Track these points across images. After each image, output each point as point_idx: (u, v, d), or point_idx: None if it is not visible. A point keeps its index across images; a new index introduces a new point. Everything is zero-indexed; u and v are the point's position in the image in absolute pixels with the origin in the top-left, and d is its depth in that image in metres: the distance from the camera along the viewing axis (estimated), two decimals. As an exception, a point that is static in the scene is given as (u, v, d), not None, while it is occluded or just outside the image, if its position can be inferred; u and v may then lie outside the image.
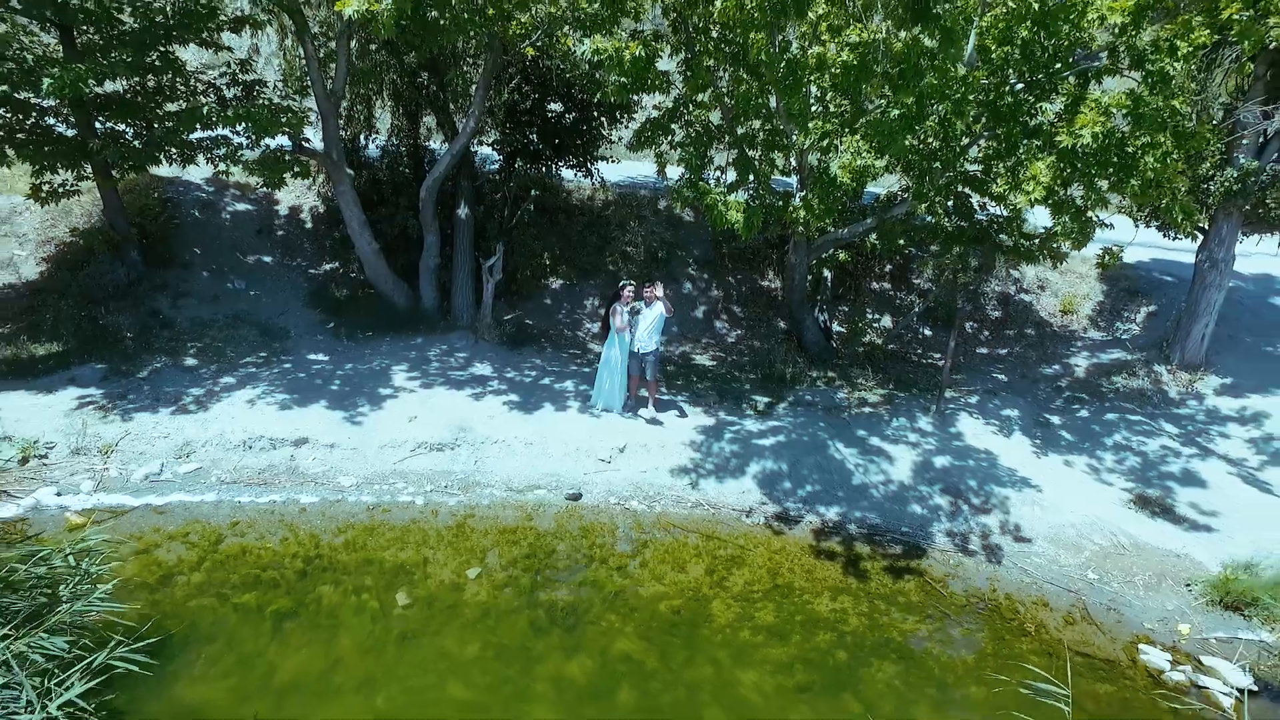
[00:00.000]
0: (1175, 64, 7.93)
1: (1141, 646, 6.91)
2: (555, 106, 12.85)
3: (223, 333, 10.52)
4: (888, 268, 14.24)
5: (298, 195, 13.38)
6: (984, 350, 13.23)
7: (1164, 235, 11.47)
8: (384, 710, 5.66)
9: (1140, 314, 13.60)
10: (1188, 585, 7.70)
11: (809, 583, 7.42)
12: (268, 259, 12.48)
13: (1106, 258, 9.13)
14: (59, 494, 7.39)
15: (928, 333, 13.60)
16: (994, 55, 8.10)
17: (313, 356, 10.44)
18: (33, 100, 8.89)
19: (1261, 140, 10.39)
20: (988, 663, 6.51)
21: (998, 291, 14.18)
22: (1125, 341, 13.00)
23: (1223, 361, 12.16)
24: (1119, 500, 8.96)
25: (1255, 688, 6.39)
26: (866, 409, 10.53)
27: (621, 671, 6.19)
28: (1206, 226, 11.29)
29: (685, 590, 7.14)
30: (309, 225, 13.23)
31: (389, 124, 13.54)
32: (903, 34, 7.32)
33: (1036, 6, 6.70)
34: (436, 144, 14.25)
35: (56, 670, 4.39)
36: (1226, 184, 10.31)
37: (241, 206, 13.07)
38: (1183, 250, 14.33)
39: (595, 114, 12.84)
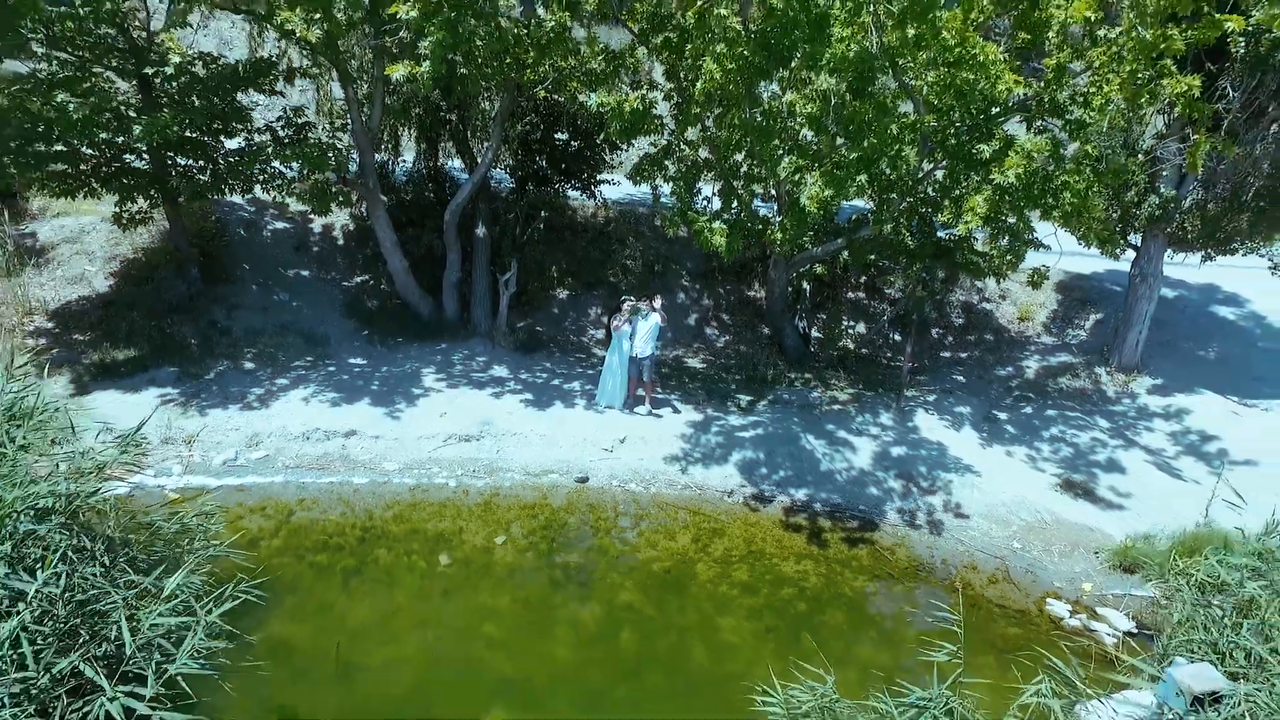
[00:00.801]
0: (1090, 114, 9.46)
1: (1049, 600, 8.42)
2: (562, 136, 14.36)
3: (273, 340, 12.01)
4: (862, 279, 15.72)
5: (330, 214, 14.83)
6: (947, 354, 14.73)
7: (1103, 253, 12.94)
8: (434, 644, 7.15)
9: (1089, 321, 15.09)
10: (1096, 553, 9.20)
11: (778, 549, 8.93)
12: (306, 273, 13.97)
13: (1035, 276, 10.63)
14: (155, 476, 8.88)
15: (897, 338, 15.07)
16: (938, 105, 9.61)
17: (353, 360, 11.94)
18: (117, 141, 10.35)
19: (1181, 173, 11.88)
20: (919, 610, 8.01)
21: (962, 301, 15.67)
22: (1073, 346, 14.50)
23: (1157, 364, 13.65)
24: (1048, 484, 10.47)
25: (1134, 630, 7.91)
26: (836, 406, 12.04)
27: (624, 617, 7.70)
28: (1139, 245, 12.79)
29: (675, 555, 8.65)
30: (340, 242, 14.72)
31: (413, 150, 15.02)
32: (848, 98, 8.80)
33: (959, 81, 8.17)
34: (455, 164, 15.73)
35: (197, 598, 5.85)
36: (1150, 210, 11.81)
37: (280, 225, 14.56)
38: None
39: (598, 142, 14.34)
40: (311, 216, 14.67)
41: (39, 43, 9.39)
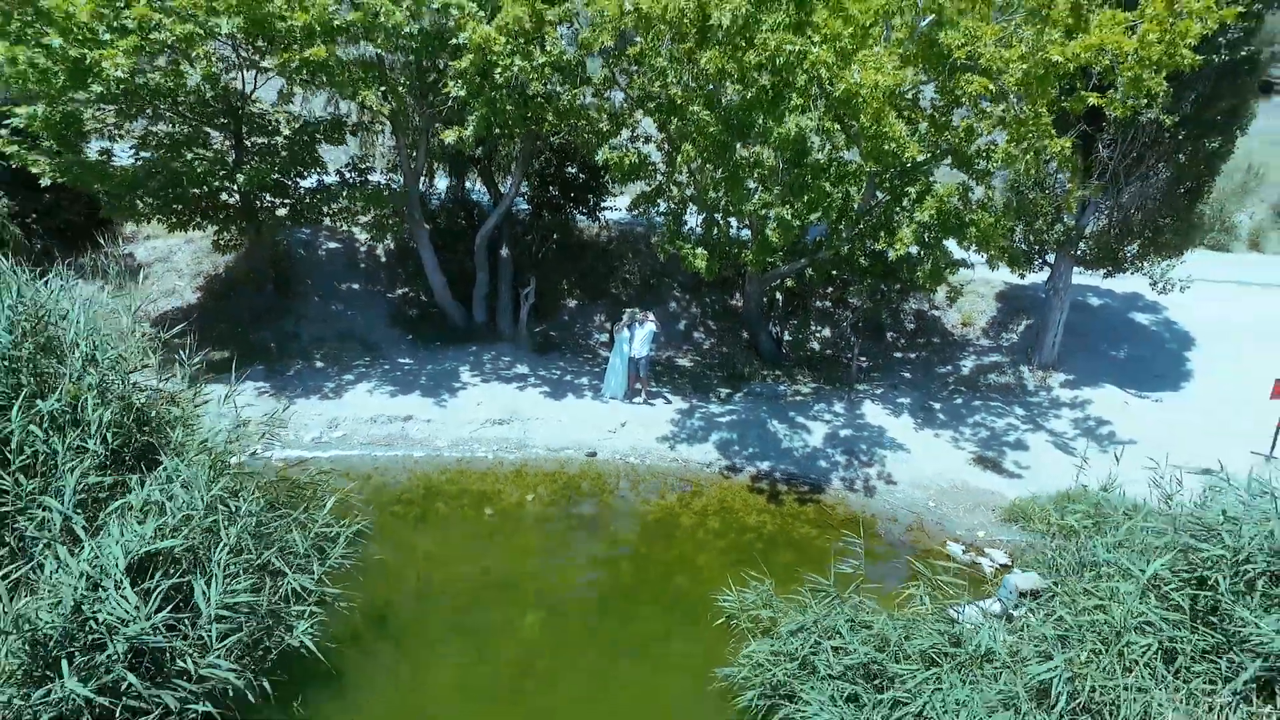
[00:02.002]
0: (993, 165, 12.06)
1: (949, 543, 10.99)
2: (571, 170, 16.94)
3: (336, 344, 14.58)
4: (829, 290, 18.28)
5: (356, 229, 17.39)
6: (899, 354, 17.31)
7: (1012, 271, 15.42)
8: (485, 568, 9.72)
9: (1021, 326, 17.66)
10: (993, 510, 11.76)
11: (744, 506, 11.52)
12: (356, 286, 16.56)
13: (952, 292, 13.21)
14: (264, 449, 11.44)
15: (857, 340, 17.65)
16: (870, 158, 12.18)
17: (402, 360, 14.54)
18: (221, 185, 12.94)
19: (1083, 205, 14.44)
20: (859, 563, 10.57)
21: (915, 309, 18.25)
22: (1004, 348, 17.08)
23: (1073, 362, 16.21)
24: (965, 459, 13.03)
25: (1007, 562, 10.48)
26: (799, 397, 14.62)
27: (624, 552, 10.29)
28: (1053, 264, 15.36)
29: (663, 509, 11.24)
30: (383, 260, 17.30)
31: (444, 180, 17.61)
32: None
33: (878, 149, 10.72)
34: (478, 188, 18.27)
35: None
36: (1057, 236, 14.39)
37: (332, 245, 17.15)
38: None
39: (602, 175, 16.91)
40: (359, 237, 17.26)
41: (168, 108, 11.93)
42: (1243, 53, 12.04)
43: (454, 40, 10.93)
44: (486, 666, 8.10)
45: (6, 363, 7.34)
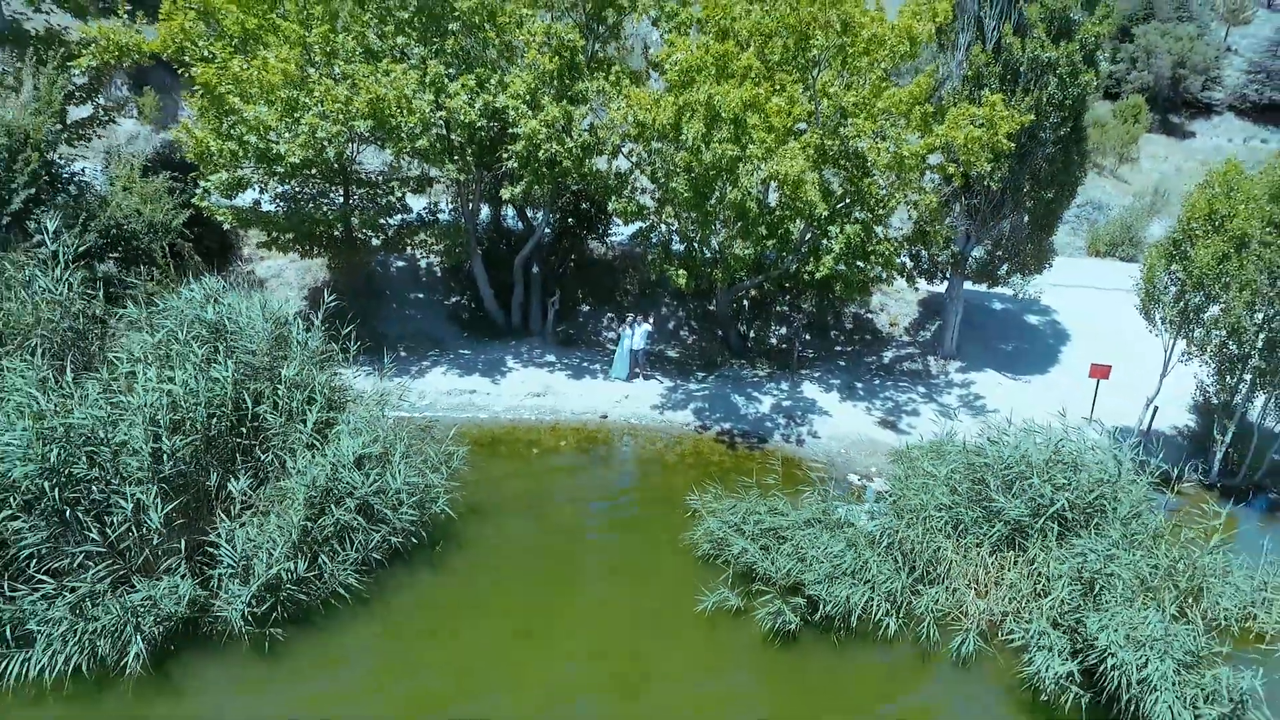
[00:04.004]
0: (887, 210, 17.12)
1: (850, 474, 16.06)
2: (585, 205, 21.98)
3: (412, 340, 19.61)
4: (786, 297, 23.33)
5: (432, 254, 22.44)
6: (838, 348, 22.36)
7: (908, 285, 20.40)
8: (532, 482, 14.79)
9: (934, 325, 22.71)
10: (885, 455, 16.80)
11: (710, 451, 16.59)
12: (420, 296, 21.61)
13: (861, 298, 18.29)
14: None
15: (808, 337, 22.71)
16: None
17: (462, 351, 19.60)
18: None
19: (967, 235, 19.47)
20: (778, 476, 15.62)
21: (853, 312, 23.31)
22: (919, 342, 22.15)
23: (969, 353, 21.28)
24: (872, 422, 18.10)
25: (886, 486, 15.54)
26: (756, 379, 19.69)
27: (626, 477, 15.38)
28: (950, 278, 20.40)
29: (653, 452, 16.32)
30: (439, 274, 22.36)
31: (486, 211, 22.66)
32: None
33: (800, 206, 15.73)
34: (511, 215, 23.29)
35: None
36: (947, 258, 19.44)
37: (400, 263, 22.20)
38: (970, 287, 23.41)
39: (608, 209, 21.94)
40: (420, 257, 22.29)
41: (306, 172, 16.94)
42: (1063, 131, 17.10)
43: (511, 130, 15.97)
44: (539, 533, 13.20)
45: (263, 349, 12.40)
